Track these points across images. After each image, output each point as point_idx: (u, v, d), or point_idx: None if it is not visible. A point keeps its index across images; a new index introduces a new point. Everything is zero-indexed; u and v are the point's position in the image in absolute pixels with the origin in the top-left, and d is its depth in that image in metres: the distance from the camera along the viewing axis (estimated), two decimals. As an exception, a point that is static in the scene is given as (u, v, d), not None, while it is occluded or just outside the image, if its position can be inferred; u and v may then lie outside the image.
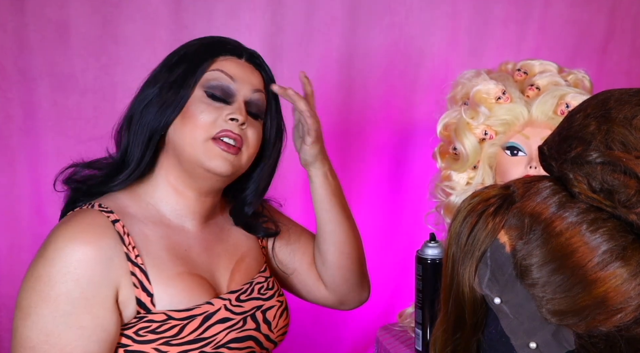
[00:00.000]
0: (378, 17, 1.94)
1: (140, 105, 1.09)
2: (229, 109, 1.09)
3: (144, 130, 1.08)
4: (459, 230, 0.76)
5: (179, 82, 1.08)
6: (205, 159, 1.07)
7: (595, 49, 2.12)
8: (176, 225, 1.12)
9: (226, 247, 1.18)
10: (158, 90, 1.09)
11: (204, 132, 1.07)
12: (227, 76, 1.11)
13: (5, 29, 1.66)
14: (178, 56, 1.12)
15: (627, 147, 0.69)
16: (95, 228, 1.02)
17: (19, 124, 1.71)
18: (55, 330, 0.98)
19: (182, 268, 1.08)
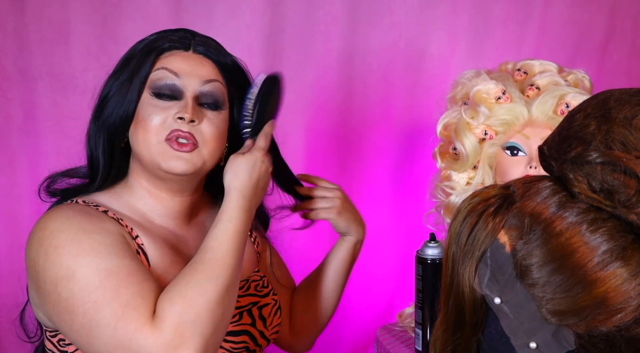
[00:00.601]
0: (378, 17, 1.94)
1: (97, 110, 1.09)
2: (176, 107, 1.05)
3: (103, 137, 1.08)
4: (459, 230, 0.76)
5: (126, 86, 1.07)
6: (161, 161, 1.04)
7: (595, 49, 2.12)
8: (159, 223, 1.11)
9: None
10: (110, 95, 1.07)
11: (155, 135, 1.04)
12: (172, 73, 1.07)
13: (5, 29, 1.66)
14: (125, 58, 1.10)
15: (627, 147, 0.69)
16: (92, 211, 1.02)
17: (19, 124, 1.71)
18: (109, 264, 0.94)
19: (175, 257, 1.07)
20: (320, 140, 1.97)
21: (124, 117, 1.06)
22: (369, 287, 2.05)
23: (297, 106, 1.93)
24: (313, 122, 1.95)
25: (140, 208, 1.10)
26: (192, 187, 1.11)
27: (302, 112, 1.93)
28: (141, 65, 1.07)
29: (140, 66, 1.07)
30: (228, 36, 1.83)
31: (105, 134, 1.07)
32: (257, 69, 1.95)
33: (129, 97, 1.06)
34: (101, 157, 1.08)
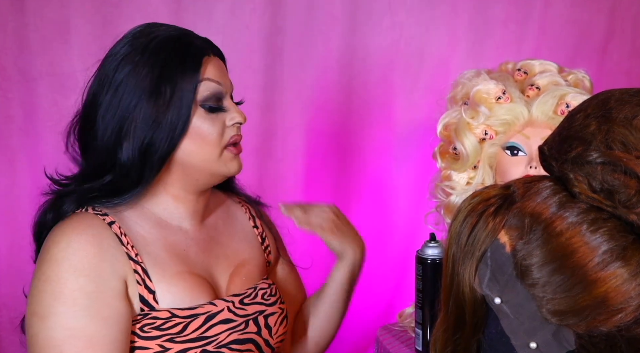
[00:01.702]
0: (378, 17, 1.94)
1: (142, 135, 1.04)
2: (227, 115, 1.09)
3: (155, 156, 1.05)
4: (459, 230, 0.76)
5: (176, 102, 1.05)
6: (222, 167, 1.09)
7: (595, 49, 2.12)
8: (173, 226, 1.12)
9: (225, 252, 1.18)
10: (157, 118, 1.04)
11: (216, 147, 1.07)
12: (215, 83, 1.08)
13: (5, 29, 1.66)
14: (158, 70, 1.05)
15: (628, 147, 0.69)
16: (94, 229, 1.03)
17: (19, 124, 1.71)
18: (77, 324, 0.97)
19: (182, 267, 1.08)
20: (320, 140, 1.97)
21: (178, 139, 1.05)
22: (369, 287, 2.05)
23: (297, 106, 1.93)
24: (313, 122, 1.95)
25: (156, 213, 1.10)
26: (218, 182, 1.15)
27: (302, 112, 1.93)
28: (187, 82, 1.05)
29: (185, 83, 1.05)
30: (228, 36, 1.84)
31: (156, 158, 1.05)
32: (257, 69, 1.96)
33: (183, 117, 1.05)
34: (148, 178, 1.06)
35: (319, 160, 1.97)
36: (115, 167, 1.06)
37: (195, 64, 1.07)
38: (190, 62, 1.07)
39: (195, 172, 1.09)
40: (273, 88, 1.90)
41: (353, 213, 2.05)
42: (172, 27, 1.12)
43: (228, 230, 1.21)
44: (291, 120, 1.93)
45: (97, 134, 1.07)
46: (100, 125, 1.06)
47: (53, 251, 1.00)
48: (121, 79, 1.06)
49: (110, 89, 1.07)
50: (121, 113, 1.05)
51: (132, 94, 1.05)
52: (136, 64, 1.06)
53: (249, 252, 1.21)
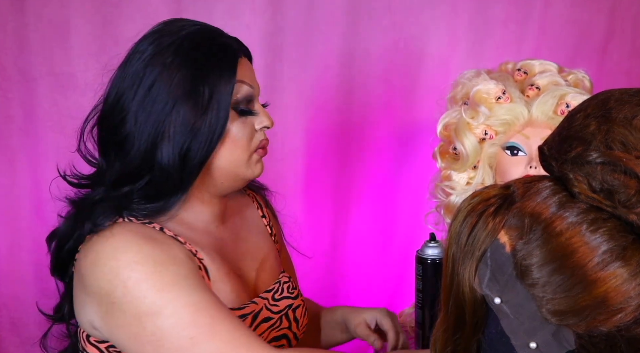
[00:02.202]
0: (378, 17, 1.94)
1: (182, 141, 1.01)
2: (256, 118, 1.08)
3: (195, 159, 1.02)
4: (459, 230, 0.76)
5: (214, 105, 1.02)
6: (248, 171, 1.08)
7: (595, 49, 2.12)
8: (202, 229, 1.10)
9: (249, 248, 1.17)
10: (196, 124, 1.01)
11: (246, 151, 1.06)
12: (247, 85, 1.06)
13: (5, 29, 1.66)
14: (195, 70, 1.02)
15: (627, 147, 0.69)
16: (151, 233, 1.00)
17: (19, 124, 1.71)
18: (193, 299, 0.94)
19: (227, 266, 1.08)
20: (320, 140, 1.97)
21: (216, 143, 1.03)
22: (369, 287, 2.05)
23: (297, 106, 1.93)
24: (313, 122, 1.95)
25: (185, 218, 1.07)
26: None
27: (302, 112, 1.93)
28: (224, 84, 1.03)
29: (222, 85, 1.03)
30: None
31: (196, 162, 1.03)
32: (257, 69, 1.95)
33: (221, 120, 1.02)
34: (188, 179, 1.04)
35: (319, 160, 1.97)
36: (154, 169, 1.02)
37: (232, 65, 1.04)
38: (227, 63, 1.04)
39: (221, 175, 1.07)
40: (273, 88, 1.89)
41: (353, 214, 2.05)
42: (198, 24, 1.08)
43: (246, 226, 1.20)
44: (291, 120, 1.93)
45: (129, 136, 1.02)
46: (132, 127, 1.02)
47: (125, 256, 0.95)
48: (153, 79, 1.02)
49: (140, 89, 1.02)
50: (156, 116, 1.01)
51: (167, 95, 1.01)
52: (170, 64, 1.02)
53: (266, 245, 1.22)
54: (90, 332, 1.02)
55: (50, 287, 1.78)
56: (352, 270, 2.06)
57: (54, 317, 1.11)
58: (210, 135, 1.01)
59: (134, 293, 0.93)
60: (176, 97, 1.00)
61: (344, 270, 2.05)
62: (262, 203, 1.28)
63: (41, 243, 1.74)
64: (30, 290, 1.77)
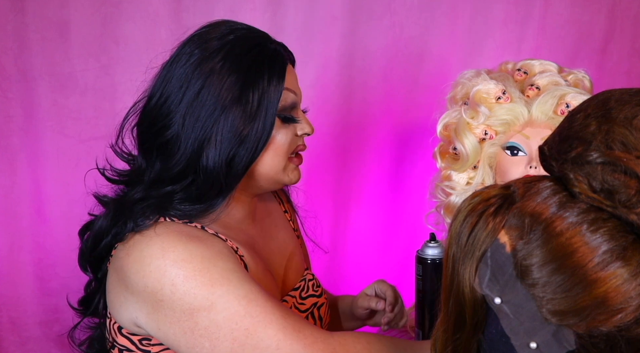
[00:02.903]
0: (378, 17, 1.94)
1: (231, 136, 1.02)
2: (298, 125, 1.09)
3: (241, 163, 1.03)
4: (459, 230, 0.76)
5: (262, 112, 1.02)
6: (284, 177, 1.08)
7: (595, 49, 2.12)
8: (235, 227, 1.10)
9: (277, 244, 1.19)
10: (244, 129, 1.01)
11: (285, 157, 1.07)
12: (292, 93, 1.07)
13: (5, 29, 1.66)
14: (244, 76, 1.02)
15: (628, 147, 0.69)
16: (195, 232, 1.01)
17: (19, 124, 1.71)
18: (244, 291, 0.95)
19: (262, 264, 1.09)
20: (320, 139, 1.97)
21: (261, 148, 1.04)
22: (369, 287, 2.05)
23: (297, 106, 1.93)
24: (313, 121, 1.94)
25: (219, 217, 1.07)
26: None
27: (302, 112, 1.93)
28: (272, 91, 1.03)
29: (271, 92, 1.03)
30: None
31: (243, 162, 1.03)
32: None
33: (267, 126, 1.03)
34: (231, 183, 1.04)
35: (319, 160, 1.97)
36: (199, 172, 1.02)
37: (281, 72, 1.04)
38: (277, 70, 1.04)
39: (261, 179, 1.08)
40: (273, 88, 1.89)
41: (353, 214, 2.05)
42: (245, 27, 1.08)
43: (273, 222, 1.22)
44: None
45: (174, 139, 1.02)
46: (178, 131, 1.02)
47: (172, 254, 0.96)
48: (202, 83, 1.01)
49: (188, 92, 1.02)
50: (204, 121, 1.01)
51: (215, 101, 1.01)
52: (219, 69, 1.01)
53: (292, 241, 1.23)
54: (131, 329, 1.03)
55: (51, 287, 1.78)
56: (352, 270, 2.06)
57: (84, 311, 1.12)
58: (256, 143, 1.02)
59: (184, 290, 0.94)
60: (225, 102, 1.00)
61: (344, 270, 2.05)
62: (283, 198, 1.29)
63: (41, 244, 1.74)
64: (30, 290, 1.77)
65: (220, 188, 1.03)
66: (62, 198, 1.74)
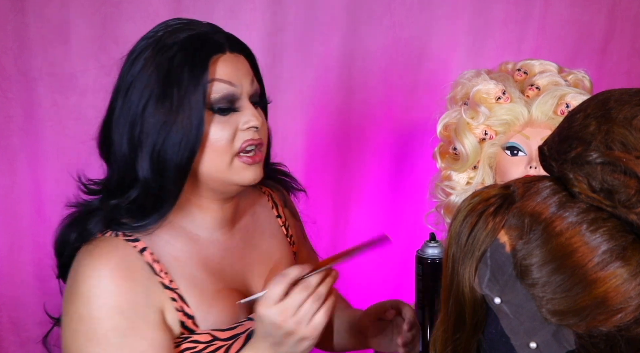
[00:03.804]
0: (378, 17, 1.94)
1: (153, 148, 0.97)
2: (241, 117, 1.00)
3: (173, 167, 0.97)
4: (459, 230, 0.76)
5: (185, 111, 0.96)
6: (236, 177, 1.01)
7: (595, 49, 2.12)
8: (205, 238, 1.06)
9: (259, 255, 1.13)
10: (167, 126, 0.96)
11: (227, 154, 0.99)
12: (226, 83, 0.99)
13: (5, 29, 1.66)
14: (160, 76, 0.98)
15: (627, 147, 0.69)
16: (126, 261, 0.97)
17: (19, 124, 1.71)
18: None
19: (219, 285, 1.04)
20: (320, 140, 1.97)
21: (195, 146, 0.97)
22: (369, 287, 2.05)
23: (297, 106, 1.93)
24: (313, 122, 1.95)
25: (185, 227, 1.04)
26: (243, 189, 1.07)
27: (302, 112, 1.93)
28: (194, 83, 0.97)
29: (193, 85, 0.97)
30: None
31: (174, 164, 0.97)
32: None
33: (194, 122, 0.96)
34: (171, 193, 0.98)
35: (319, 160, 1.97)
36: (137, 182, 0.98)
37: (203, 63, 0.98)
38: (198, 61, 0.98)
39: (210, 181, 1.01)
40: (273, 88, 1.89)
41: (353, 214, 2.05)
42: (184, 22, 1.04)
43: (259, 229, 1.16)
44: (291, 120, 1.92)
45: (113, 143, 1.00)
46: (115, 133, 1.00)
47: (83, 288, 0.95)
48: (132, 80, 0.99)
49: (122, 90, 1.00)
50: (131, 118, 0.98)
51: (140, 96, 0.97)
52: (145, 63, 0.99)
53: (279, 249, 1.17)
54: None
55: (51, 287, 1.78)
56: (352, 270, 2.05)
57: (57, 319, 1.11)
58: (184, 139, 0.96)
59: (74, 327, 0.95)
60: (148, 97, 0.96)
61: (344, 270, 2.05)
62: (278, 202, 1.23)
63: (41, 244, 1.74)
64: (30, 290, 1.77)
65: (162, 196, 0.98)
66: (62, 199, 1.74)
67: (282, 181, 1.26)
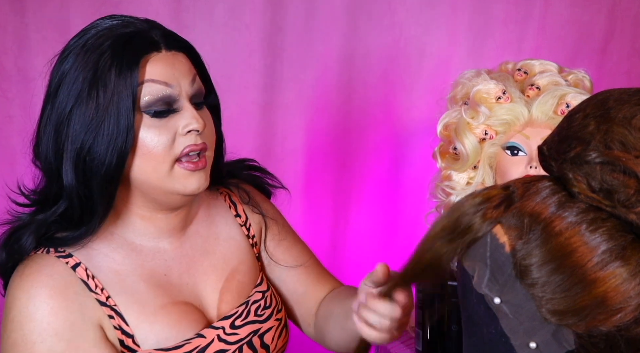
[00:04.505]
0: (378, 17, 1.94)
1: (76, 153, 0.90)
2: (180, 119, 0.92)
3: (99, 174, 0.89)
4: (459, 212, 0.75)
5: (111, 115, 0.88)
6: (177, 185, 0.93)
7: (595, 49, 2.12)
8: (150, 248, 0.99)
9: (213, 262, 1.05)
10: (91, 131, 0.89)
11: (166, 160, 0.91)
12: (160, 84, 0.91)
13: (5, 29, 1.66)
14: (92, 70, 0.90)
15: (626, 147, 0.69)
16: (55, 279, 0.91)
17: (19, 124, 1.71)
18: None
19: (164, 299, 0.97)
20: (320, 140, 1.97)
21: (124, 152, 0.89)
22: (369, 287, 2.05)
23: (297, 106, 1.93)
24: (313, 122, 1.95)
25: (127, 238, 0.98)
26: (190, 198, 1.00)
27: (302, 112, 1.93)
28: (122, 85, 0.89)
29: (121, 86, 0.89)
30: (228, 36, 1.84)
31: (103, 170, 0.89)
32: (257, 69, 1.96)
33: (122, 126, 0.88)
34: (99, 203, 0.91)
35: (319, 160, 1.97)
36: (64, 192, 0.91)
37: (131, 63, 0.89)
38: (127, 61, 0.89)
39: (150, 190, 0.94)
40: (273, 88, 1.89)
41: (353, 214, 2.05)
42: (124, 18, 0.98)
43: (213, 233, 1.08)
44: (291, 120, 1.93)
45: (40, 150, 0.93)
46: (42, 139, 0.93)
47: (14, 311, 0.89)
48: (60, 80, 0.92)
49: (52, 91, 0.93)
50: (57, 121, 0.90)
51: (67, 97, 0.90)
52: (74, 62, 0.91)
53: (237, 254, 1.09)
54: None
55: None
56: (352, 270, 2.06)
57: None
58: (111, 143, 0.88)
59: (7, 351, 0.89)
60: (74, 100, 0.89)
61: (344, 270, 2.05)
62: (236, 200, 1.13)
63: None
64: None
65: (90, 207, 0.91)
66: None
67: (251, 177, 1.18)
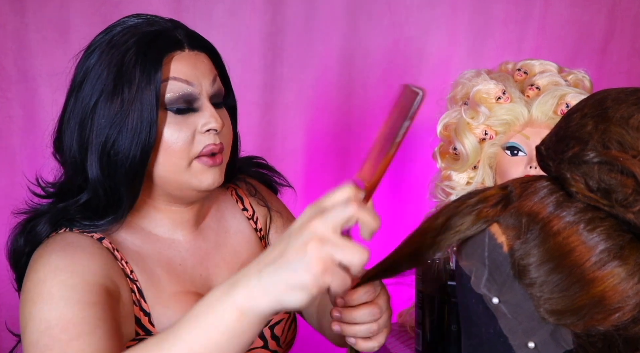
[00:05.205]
0: (378, 17, 1.94)
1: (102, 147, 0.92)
2: (200, 118, 0.95)
3: (124, 168, 0.92)
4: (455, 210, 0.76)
5: (135, 110, 0.91)
6: (194, 181, 0.96)
7: (595, 49, 2.12)
8: (166, 238, 1.02)
9: (224, 256, 1.08)
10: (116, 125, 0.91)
11: (185, 157, 0.94)
12: (182, 82, 0.94)
13: (5, 29, 1.66)
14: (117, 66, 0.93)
15: (624, 146, 0.69)
16: (82, 243, 0.92)
17: (19, 124, 1.71)
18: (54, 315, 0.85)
19: (178, 287, 0.99)
20: (320, 140, 1.97)
21: (147, 146, 0.92)
22: (369, 287, 2.05)
23: (297, 106, 1.93)
24: (313, 122, 1.95)
25: (145, 227, 1.01)
26: (204, 194, 1.02)
27: (302, 112, 1.94)
28: (146, 81, 0.92)
29: (145, 82, 0.92)
30: (228, 36, 1.84)
31: (125, 170, 0.92)
32: (257, 69, 1.96)
33: (145, 121, 0.91)
34: (125, 195, 0.93)
35: (319, 160, 1.97)
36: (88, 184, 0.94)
37: (156, 61, 0.92)
38: (151, 58, 0.92)
39: (166, 184, 0.97)
40: (273, 88, 1.90)
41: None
42: (149, 17, 1.00)
43: (223, 227, 1.11)
44: (291, 120, 1.93)
45: (63, 143, 0.97)
46: (66, 132, 0.96)
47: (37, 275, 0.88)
48: (85, 75, 0.94)
49: (75, 86, 0.95)
50: (82, 116, 0.93)
51: (91, 92, 0.93)
52: (99, 58, 0.94)
53: (246, 247, 1.12)
54: None
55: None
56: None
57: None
58: (135, 138, 0.91)
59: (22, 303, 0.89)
60: (99, 94, 0.92)
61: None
62: (243, 194, 1.16)
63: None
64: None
65: (116, 199, 0.93)
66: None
67: (259, 174, 1.20)
